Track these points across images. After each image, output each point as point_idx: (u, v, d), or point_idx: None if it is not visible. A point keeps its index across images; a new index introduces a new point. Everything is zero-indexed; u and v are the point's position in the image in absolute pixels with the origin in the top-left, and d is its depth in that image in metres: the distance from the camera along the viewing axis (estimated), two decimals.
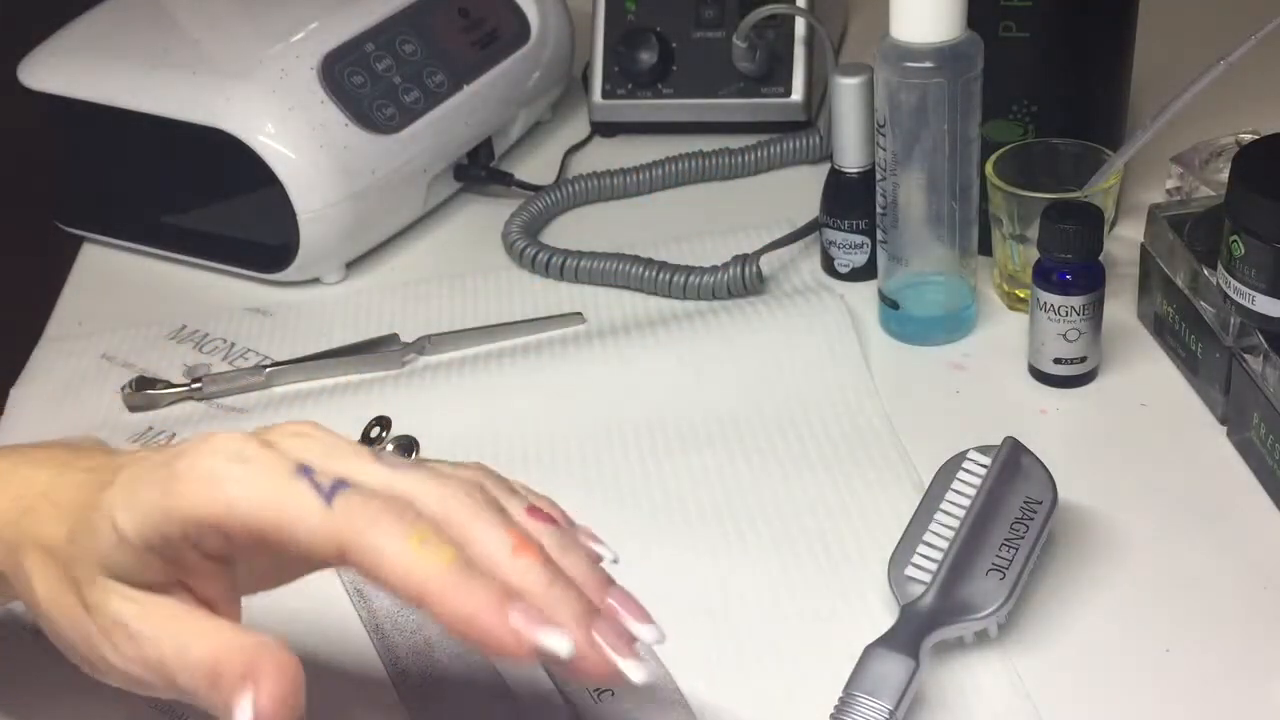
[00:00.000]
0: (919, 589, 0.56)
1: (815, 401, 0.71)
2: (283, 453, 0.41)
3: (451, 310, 0.82)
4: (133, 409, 0.76)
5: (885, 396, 0.71)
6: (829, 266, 0.81)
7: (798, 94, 0.94)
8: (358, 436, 0.70)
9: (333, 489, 0.40)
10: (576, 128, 1.00)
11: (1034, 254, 0.69)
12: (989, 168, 0.73)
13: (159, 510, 0.41)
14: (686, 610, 0.58)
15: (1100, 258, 0.68)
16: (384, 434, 0.70)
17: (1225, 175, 0.66)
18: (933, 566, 0.56)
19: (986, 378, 0.72)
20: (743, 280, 0.78)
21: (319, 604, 0.59)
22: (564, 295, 0.82)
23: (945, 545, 0.57)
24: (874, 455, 0.67)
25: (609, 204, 0.92)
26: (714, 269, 0.79)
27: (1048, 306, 0.68)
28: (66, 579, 0.43)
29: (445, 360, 0.77)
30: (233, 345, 0.81)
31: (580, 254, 0.83)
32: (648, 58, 0.94)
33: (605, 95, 0.97)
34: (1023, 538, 0.57)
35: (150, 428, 0.74)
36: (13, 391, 0.79)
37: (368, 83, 0.85)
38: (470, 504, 0.42)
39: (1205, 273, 0.66)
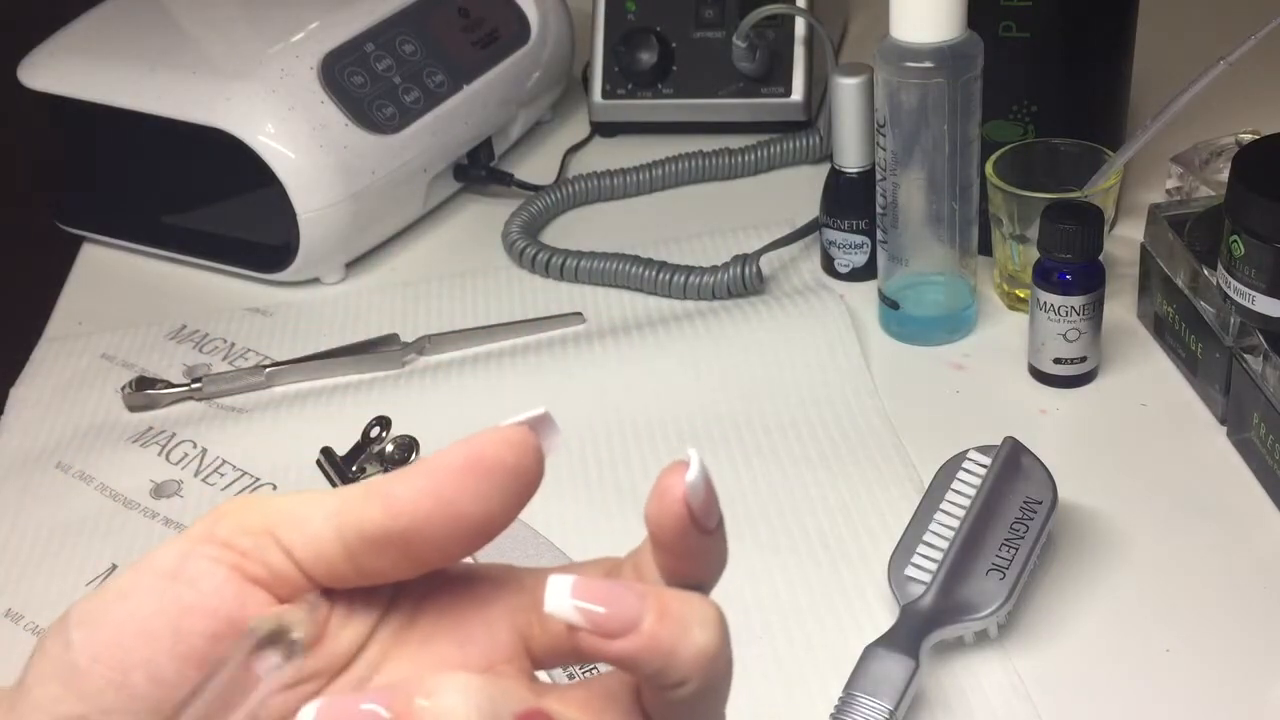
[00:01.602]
0: (919, 589, 0.56)
1: (815, 401, 0.71)
2: None
3: (451, 310, 0.82)
4: (133, 409, 0.76)
5: (885, 396, 0.71)
6: (829, 266, 0.81)
7: (798, 94, 0.94)
8: (358, 436, 0.70)
9: None
10: (576, 128, 1.00)
11: (1034, 254, 0.69)
12: (989, 168, 0.73)
13: None
14: None
15: (1100, 258, 0.68)
16: (384, 434, 0.70)
17: (1225, 175, 0.66)
18: (933, 566, 0.56)
19: (986, 378, 0.72)
20: (743, 280, 0.78)
21: None
22: (564, 295, 0.82)
23: (945, 545, 0.57)
24: (874, 455, 0.67)
25: (609, 204, 0.92)
26: (714, 269, 0.79)
27: (1048, 306, 0.68)
28: None
29: (445, 360, 0.77)
30: (233, 345, 0.81)
31: (580, 254, 0.83)
32: (648, 58, 0.94)
33: (605, 95, 0.97)
34: (1023, 538, 0.57)
35: (150, 428, 0.74)
36: (13, 391, 0.79)
37: (368, 83, 0.85)
38: None
39: (1205, 273, 0.66)
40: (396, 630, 0.32)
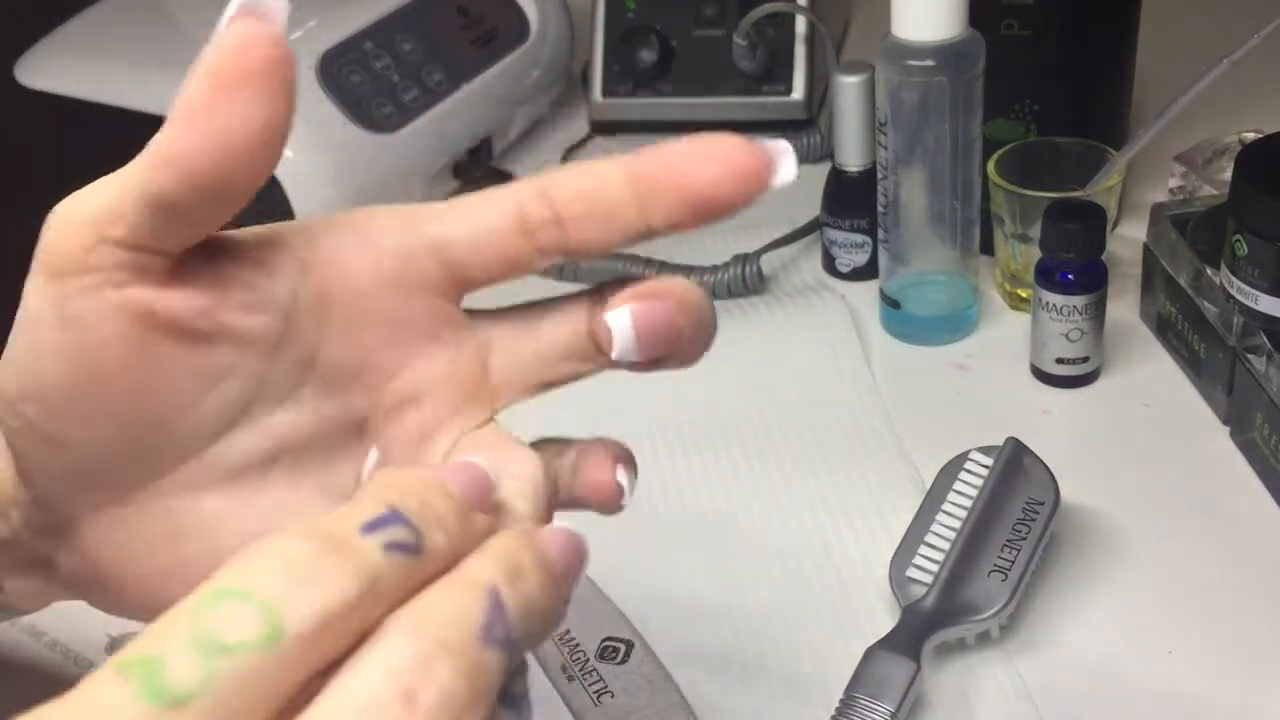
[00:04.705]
0: (920, 590, 0.55)
1: (816, 402, 0.70)
2: None
3: None
4: None
5: (887, 397, 0.70)
6: (830, 266, 0.81)
7: (799, 92, 0.94)
8: None
9: None
10: (576, 126, 1.00)
11: (1036, 253, 0.69)
12: (991, 167, 0.73)
13: None
14: (687, 610, 0.58)
15: (1103, 257, 0.68)
16: None
17: (1228, 174, 0.66)
18: (934, 567, 0.56)
19: (988, 378, 0.72)
20: (743, 280, 0.78)
21: None
22: None
23: (947, 546, 0.56)
24: (875, 456, 0.67)
25: None
26: (714, 269, 0.79)
27: (1050, 306, 0.68)
28: None
29: None
30: None
31: None
32: (648, 56, 0.94)
33: (605, 94, 0.96)
34: (1025, 538, 0.57)
35: None
36: None
37: (366, 81, 0.84)
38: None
39: (1208, 272, 0.66)
40: (318, 323, 0.34)
